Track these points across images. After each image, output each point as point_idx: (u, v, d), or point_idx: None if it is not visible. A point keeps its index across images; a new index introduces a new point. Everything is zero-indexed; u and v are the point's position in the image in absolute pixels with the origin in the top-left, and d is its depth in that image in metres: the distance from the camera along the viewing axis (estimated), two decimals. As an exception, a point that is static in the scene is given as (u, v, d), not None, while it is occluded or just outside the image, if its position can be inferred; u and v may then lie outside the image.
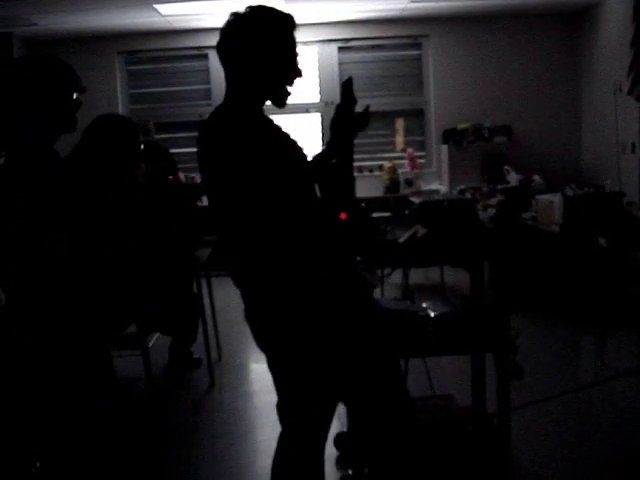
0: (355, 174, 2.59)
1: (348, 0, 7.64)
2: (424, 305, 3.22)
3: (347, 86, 2.47)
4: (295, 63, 2.35)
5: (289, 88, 2.36)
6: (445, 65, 8.91)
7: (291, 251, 2.23)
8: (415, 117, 9.17)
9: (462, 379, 3.64)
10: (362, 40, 8.94)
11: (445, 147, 8.79)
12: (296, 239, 2.24)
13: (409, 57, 9.09)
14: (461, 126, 8.71)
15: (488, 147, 8.66)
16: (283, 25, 2.31)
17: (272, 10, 2.31)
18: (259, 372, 5.21)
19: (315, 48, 8.89)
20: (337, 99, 2.52)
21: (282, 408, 2.40)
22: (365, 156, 8.77)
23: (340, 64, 8.95)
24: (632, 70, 5.90)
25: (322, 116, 8.92)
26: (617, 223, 5.00)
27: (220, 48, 2.33)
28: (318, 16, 8.29)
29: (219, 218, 2.31)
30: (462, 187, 8.08)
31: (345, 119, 2.46)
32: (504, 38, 8.82)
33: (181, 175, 7.54)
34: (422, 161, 9.11)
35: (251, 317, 2.34)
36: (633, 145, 7.35)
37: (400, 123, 9.22)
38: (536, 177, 7.67)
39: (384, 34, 8.87)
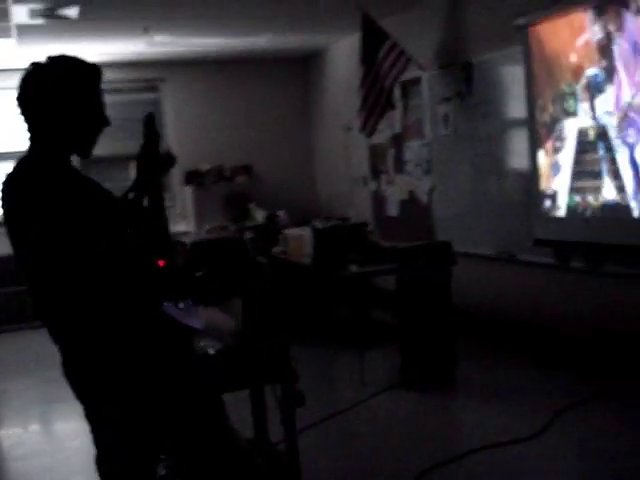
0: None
1: (85, 43, 7.48)
2: (202, 344, 3.23)
3: (149, 122, 2.44)
4: (101, 113, 2.30)
5: (95, 138, 2.30)
6: (183, 108, 9.03)
7: (108, 302, 2.19)
8: (157, 160, 9.14)
9: (240, 411, 3.69)
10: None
11: (188, 188, 8.88)
12: (112, 290, 2.19)
13: (146, 100, 9.08)
14: (203, 167, 8.86)
15: (231, 186, 8.90)
16: (86, 75, 2.28)
17: (74, 60, 2.27)
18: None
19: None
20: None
21: (101, 461, 2.33)
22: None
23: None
24: (363, 109, 6.39)
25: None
26: (363, 250, 5.38)
27: (20, 99, 2.22)
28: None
29: (32, 275, 2.21)
30: (208, 227, 8.21)
31: (150, 157, 2.43)
32: (239, 82, 9.15)
33: None
34: (168, 203, 9.08)
35: (70, 370, 2.27)
36: (364, 179, 7.96)
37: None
38: (280, 213, 8.01)
39: (121, 77, 8.78)
